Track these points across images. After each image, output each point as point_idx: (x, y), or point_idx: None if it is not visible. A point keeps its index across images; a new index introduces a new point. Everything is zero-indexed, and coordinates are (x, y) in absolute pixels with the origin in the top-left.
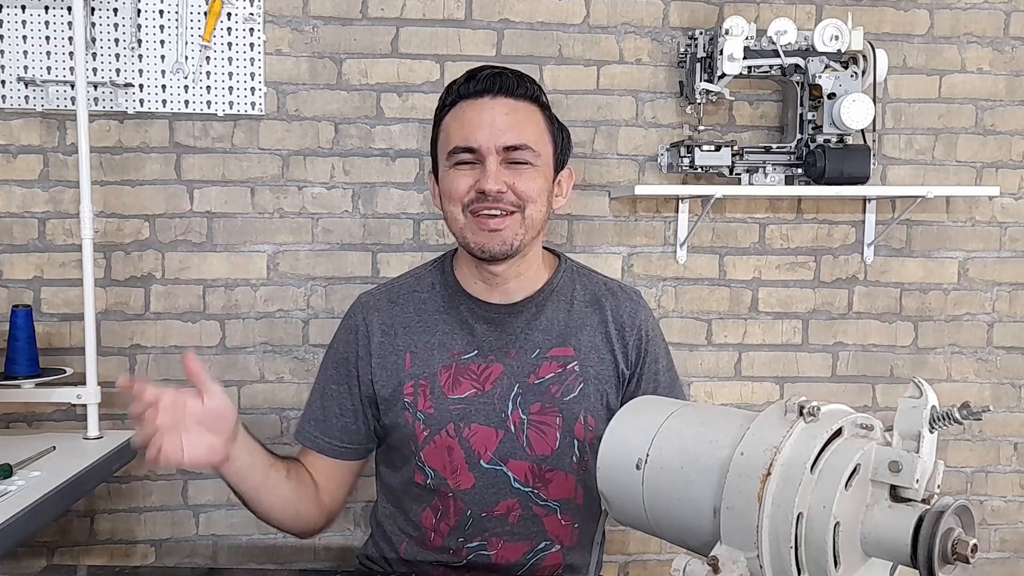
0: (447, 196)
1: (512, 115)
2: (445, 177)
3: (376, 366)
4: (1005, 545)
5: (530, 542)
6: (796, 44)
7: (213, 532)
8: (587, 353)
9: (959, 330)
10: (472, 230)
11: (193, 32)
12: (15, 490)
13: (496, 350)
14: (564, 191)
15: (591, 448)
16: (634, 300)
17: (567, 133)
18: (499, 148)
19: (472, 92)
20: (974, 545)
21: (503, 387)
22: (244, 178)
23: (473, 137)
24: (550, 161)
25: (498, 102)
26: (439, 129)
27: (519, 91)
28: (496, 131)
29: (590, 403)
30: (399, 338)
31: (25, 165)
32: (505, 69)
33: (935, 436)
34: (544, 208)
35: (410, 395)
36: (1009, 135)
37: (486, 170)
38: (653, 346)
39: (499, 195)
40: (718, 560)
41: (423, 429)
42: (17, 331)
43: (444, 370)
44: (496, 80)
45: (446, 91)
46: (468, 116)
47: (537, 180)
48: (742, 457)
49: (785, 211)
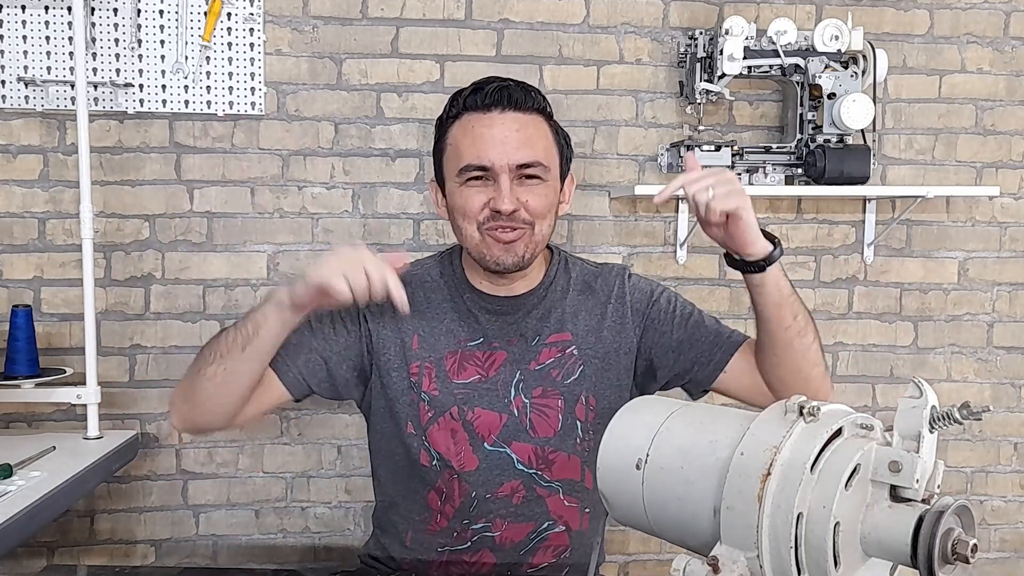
0: (460, 212)
1: (523, 131)
2: (456, 193)
3: (385, 336)
4: (1005, 545)
5: (534, 523)
6: (796, 44)
7: (213, 532)
8: (584, 336)
9: (959, 330)
10: (487, 246)
11: (193, 32)
12: (15, 490)
13: (500, 338)
14: (567, 197)
15: (594, 427)
16: (618, 272)
17: (568, 139)
18: (512, 166)
19: (480, 105)
20: (974, 545)
21: (506, 374)
22: (244, 178)
23: (486, 156)
24: (558, 172)
25: (507, 116)
26: (445, 141)
27: (527, 104)
28: (508, 149)
29: (591, 383)
30: (409, 319)
31: (25, 165)
32: (511, 81)
33: (935, 436)
34: (551, 221)
35: (415, 375)
36: (1009, 135)
37: (500, 189)
38: (664, 299)
39: (513, 214)
40: (718, 560)
41: (428, 410)
42: (17, 331)
43: (450, 355)
44: (504, 94)
45: (451, 102)
46: (478, 132)
47: (548, 195)
48: (742, 457)
49: (785, 211)
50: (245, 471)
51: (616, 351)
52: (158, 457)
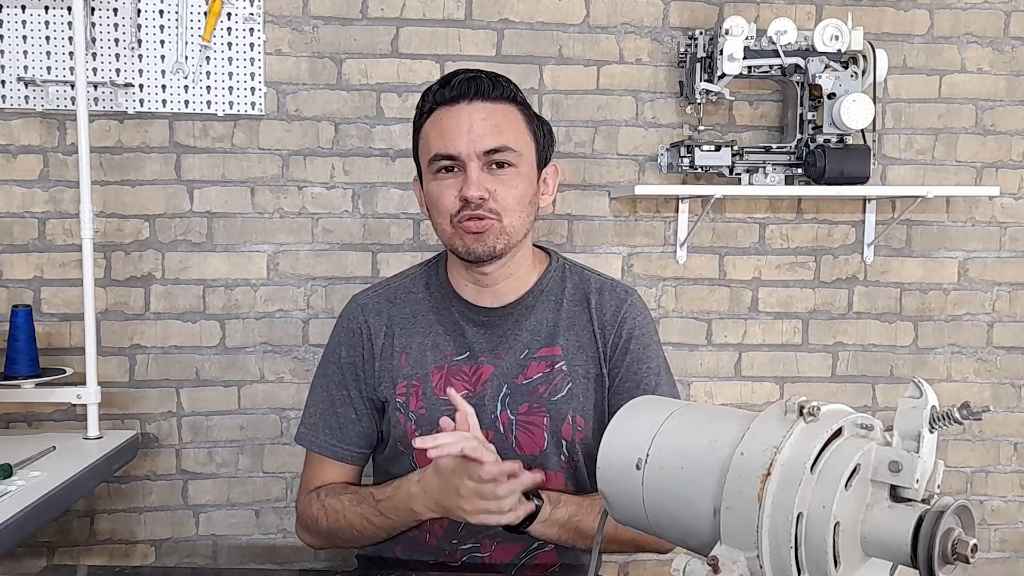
0: (433, 207)
1: (490, 119)
2: (429, 186)
3: (379, 368)
4: (1005, 545)
5: (523, 543)
6: (796, 44)
7: (213, 532)
8: (574, 352)
9: (959, 330)
10: (459, 236)
11: (193, 32)
12: (15, 490)
13: (487, 352)
14: (550, 189)
15: (580, 448)
16: (620, 298)
17: (548, 128)
18: (479, 153)
19: (448, 98)
20: (974, 545)
21: (493, 388)
22: (244, 178)
23: (452, 144)
24: (532, 160)
25: (475, 107)
26: (419, 136)
27: (495, 93)
28: (475, 136)
29: (579, 403)
30: (396, 339)
31: (25, 165)
32: (480, 72)
33: (935, 436)
34: (524, 214)
35: (402, 395)
36: (1009, 135)
37: (468, 177)
38: (637, 346)
39: (480, 201)
40: (718, 560)
41: (415, 430)
42: (17, 331)
43: (436, 371)
44: (471, 84)
45: (422, 98)
46: (447, 124)
47: (519, 185)
48: (742, 457)
49: (785, 211)
50: (245, 471)
51: (600, 374)
52: (158, 457)
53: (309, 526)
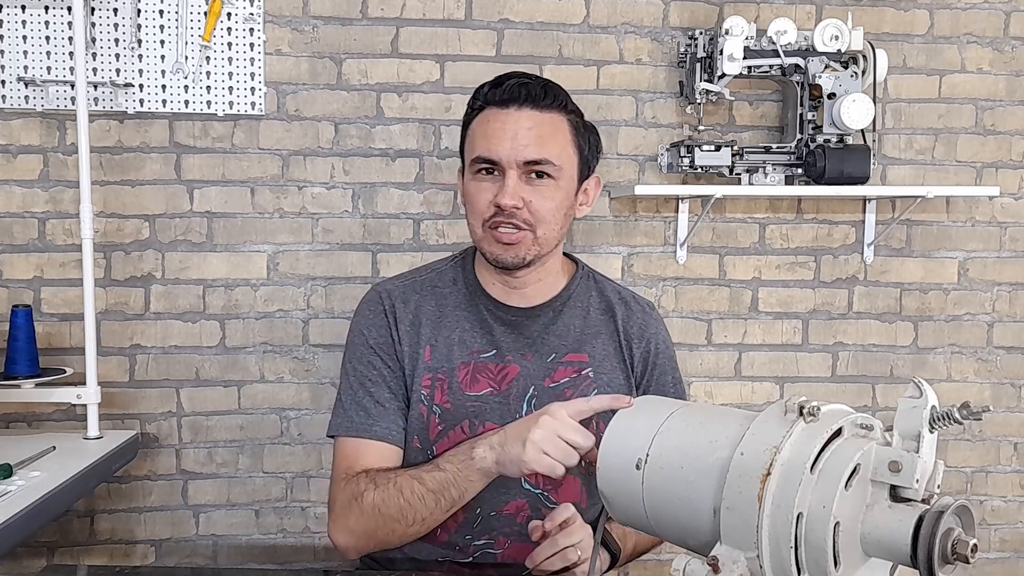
0: (469, 206)
1: (536, 128)
2: (468, 185)
3: (407, 354)
4: (1005, 545)
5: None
6: (796, 44)
7: (213, 532)
8: (601, 361)
9: (959, 330)
10: (488, 242)
11: (193, 32)
12: (15, 490)
13: (514, 351)
14: (590, 199)
15: None
16: (646, 312)
17: (597, 138)
18: (520, 162)
19: (498, 100)
20: (974, 545)
21: (519, 388)
22: (244, 178)
23: (495, 149)
24: (573, 173)
25: (523, 113)
26: (466, 132)
27: (545, 101)
28: (518, 145)
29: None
30: (422, 329)
31: (25, 165)
32: (533, 78)
33: (935, 436)
34: (558, 226)
35: (427, 388)
36: (1009, 135)
37: (505, 184)
38: (662, 359)
39: (514, 210)
40: (718, 560)
41: (438, 423)
42: (17, 331)
43: (463, 366)
44: (522, 90)
45: (474, 95)
46: (493, 126)
47: (555, 197)
48: (742, 457)
49: (785, 211)
50: (245, 471)
51: (626, 385)
52: (158, 457)
53: (348, 515)
